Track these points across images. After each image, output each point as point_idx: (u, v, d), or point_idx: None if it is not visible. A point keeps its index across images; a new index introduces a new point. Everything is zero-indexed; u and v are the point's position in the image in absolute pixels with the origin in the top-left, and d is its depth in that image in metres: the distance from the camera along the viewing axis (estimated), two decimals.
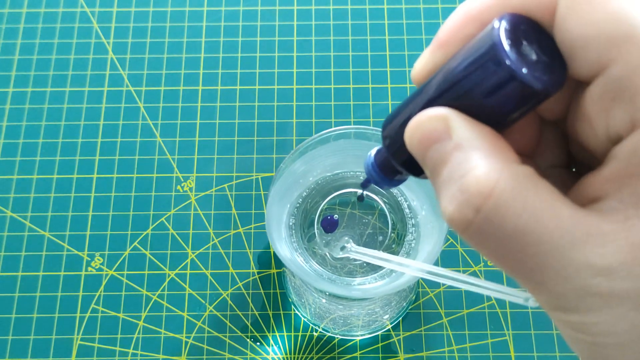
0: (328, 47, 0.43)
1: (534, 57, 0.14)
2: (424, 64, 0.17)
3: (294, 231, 0.29)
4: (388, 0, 0.45)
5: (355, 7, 0.45)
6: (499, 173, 0.14)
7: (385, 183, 0.21)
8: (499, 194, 0.14)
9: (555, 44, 0.15)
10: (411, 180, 0.28)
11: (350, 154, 0.29)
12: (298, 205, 0.29)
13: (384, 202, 0.30)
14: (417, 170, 0.17)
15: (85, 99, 0.42)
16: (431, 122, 0.16)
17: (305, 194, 0.30)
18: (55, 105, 0.42)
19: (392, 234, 0.29)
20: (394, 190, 0.30)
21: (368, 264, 0.29)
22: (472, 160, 0.15)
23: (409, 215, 0.29)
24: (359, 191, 0.30)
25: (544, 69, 0.14)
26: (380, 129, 0.26)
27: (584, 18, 0.14)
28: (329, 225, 0.29)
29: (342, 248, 0.28)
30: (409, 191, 0.30)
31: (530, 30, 0.15)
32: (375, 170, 0.20)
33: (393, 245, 0.29)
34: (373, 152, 0.20)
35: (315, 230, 0.29)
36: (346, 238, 0.29)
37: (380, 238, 0.30)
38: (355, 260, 0.28)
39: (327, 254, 0.29)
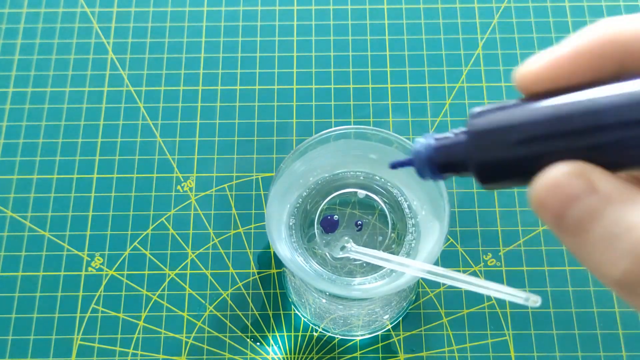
0: (328, 47, 0.43)
1: None
2: (543, 70, 0.16)
3: (294, 231, 0.29)
4: (388, 0, 0.45)
5: (355, 7, 0.45)
6: None
7: (433, 177, 0.18)
8: None
9: None
10: (412, 179, 0.28)
11: (350, 154, 0.29)
12: (298, 205, 0.29)
13: (384, 202, 0.30)
14: (492, 178, 0.16)
15: (86, 99, 0.42)
16: (570, 179, 0.14)
17: (305, 194, 0.30)
18: (55, 105, 0.42)
19: (392, 234, 0.29)
20: (394, 190, 0.30)
21: (368, 263, 0.29)
22: (633, 213, 0.14)
23: (409, 215, 0.29)
24: (360, 191, 0.30)
25: None
26: (380, 129, 0.26)
27: None
28: (329, 226, 0.29)
29: (342, 248, 0.28)
30: (409, 191, 0.30)
31: None
32: (429, 164, 0.18)
33: (393, 245, 0.29)
34: (431, 140, 0.18)
35: (316, 230, 0.29)
36: (346, 238, 0.29)
37: (380, 238, 0.30)
38: (355, 260, 0.28)
39: (327, 254, 0.29)
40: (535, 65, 0.16)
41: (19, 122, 0.41)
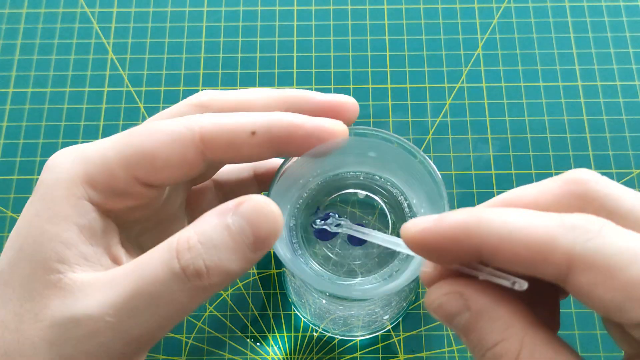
0: (328, 48, 0.43)
1: None
2: (421, 237, 0.19)
3: (294, 232, 0.29)
4: (388, 0, 0.45)
5: (355, 7, 0.45)
6: (520, 342, 0.17)
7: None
8: None
9: None
10: (412, 179, 0.28)
11: (351, 154, 0.29)
12: (298, 206, 0.29)
13: (384, 202, 0.30)
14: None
15: (86, 99, 0.42)
16: (449, 300, 0.18)
17: (305, 194, 0.30)
18: (55, 105, 0.42)
19: (392, 234, 0.29)
20: (394, 190, 0.30)
21: (368, 263, 0.29)
22: (496, 331, 0.18)
23: (409, 215, 0.29)
24: (360, 191, 0.30)
25: None
26: (380, 130, 0.26)
27: (611, 287, 0.16)
28: (327, 232, 0.29)
29: (338, 225, 0.28)
30: (410, 191, 0.30)
31: None
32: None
33: None
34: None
35: (314, 225, 0.29)
36: (338, 216, 0.29)
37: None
38: (355, 261, 0.28)
39: (327, 251, 0.29)
40: (415, 229, 0.19)
41: (19, 122, 0.41)
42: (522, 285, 0.17)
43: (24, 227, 0.22)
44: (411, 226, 0.19)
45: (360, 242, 0.29)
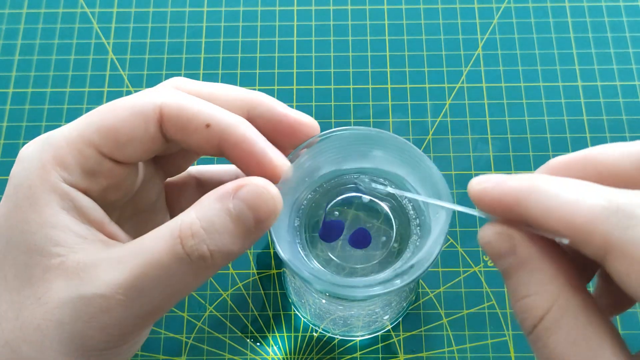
0: (328, 48, 0.43)
1: None
2: (493, 196, 0.19)
3: (298, 232, 0.29)
4: (388, 0, 0.45)
5: (355, 7, 0.45)
6: (553, 300, 0.17)
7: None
8: (549, 321, 0.17)
9: None
10: (414, 179, 0.28)
11: (351, 155, 0.29)
12: (303, 206, 0.29)
13: (389, 207, 0.30)
14: None
15: (86, 99, 0.42)
16: (497, 240, 0.19)
17: (310, 195, 0.30)
18: (55, 105, 0.42)
19: (396, 245, 0.29)
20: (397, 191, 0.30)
21: (369, 266, 0.29)
22: (532, 284, 0.18)
23: (414, 217, 0.29)
24: (364, 195, 0.30)
25: None
26: (380, 130, 0.26)
27: None
28: (332, 232, 0.29)
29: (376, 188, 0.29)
30: (413, 191, 0.30)
31: None
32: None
33: (395, 245, 0.29)
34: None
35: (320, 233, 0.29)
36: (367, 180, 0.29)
37: (384, 239, 0.30)
38: (356, 264, 0.29)
39: (329, 253, 0.29)
40: (478, 187, 0.20)
41: (19, 122, 0.41)
42: (562, 240, 0.17)
43: (5, 221, 0.22)
44: (475, 184, 0.20)
45: (361, 245, 0.29)
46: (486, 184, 0.19)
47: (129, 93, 0.42)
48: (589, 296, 0.18)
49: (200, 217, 0.21)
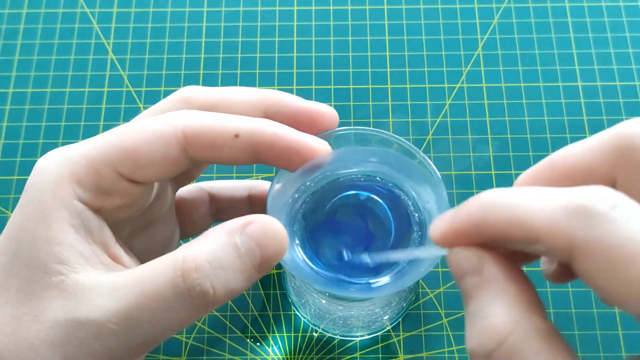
0: (328, 48, 0.43)
1: None
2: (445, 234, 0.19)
3: (297, 235, 0.29)
4: (388, 0, 0.45)
5: (355, 7, 0.45)
6: (515, 324, 0.17)
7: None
8: (510, 344, 0.16)
9: None
10: (415, 177, 0.28)
11: (352, 156, 0.29)
12: (302, 208, 0.29)
13: (387, 203, 0.30)
14: None
15: (86, 99, 0.42)
16: (466, 257, 0.19)
17: (308, 198, 0.30)
18: (55, 105, 0.42)
19: (396, 244, 0.29)
20: (396, 191, 0.30)
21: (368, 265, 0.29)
22: (495, 304, 0.17)
23: (413, 213, 0.29)
24: (362, 193, 0.30)
25: None
26: (380, 130, 0.26)
27: (613, 280, 0.15)
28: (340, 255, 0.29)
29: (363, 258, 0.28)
30: (412, 191, 0.30)
31: None
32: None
33: (397, 245, 0.29)
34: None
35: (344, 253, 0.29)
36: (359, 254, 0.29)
37: (384, 239, 0.30)
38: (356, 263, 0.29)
39: (330, 254, 0.29)
40: (436, 233, 0.19)
41: (19, 122, 0.41)
42: (538, 247, 0.17)
43: (16, 233, 0.22)
44: (432, 231, 0.19)
45: (361, 245, 0.29)
46: (440, 224, 0.19)
47: (128, 93, 0.42)
48: (549, 323, 0.17)
49: (206, 251, 0.20)
